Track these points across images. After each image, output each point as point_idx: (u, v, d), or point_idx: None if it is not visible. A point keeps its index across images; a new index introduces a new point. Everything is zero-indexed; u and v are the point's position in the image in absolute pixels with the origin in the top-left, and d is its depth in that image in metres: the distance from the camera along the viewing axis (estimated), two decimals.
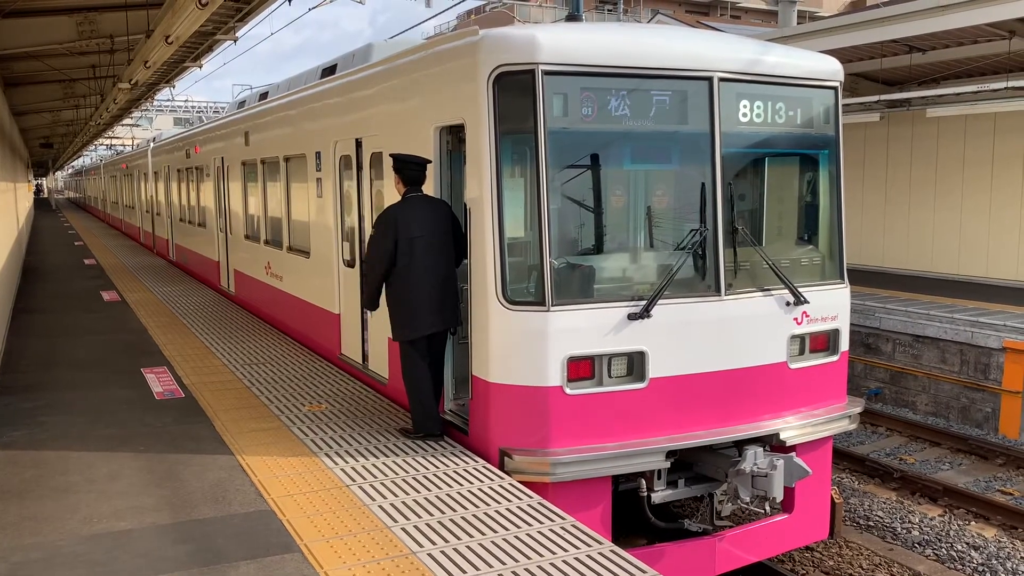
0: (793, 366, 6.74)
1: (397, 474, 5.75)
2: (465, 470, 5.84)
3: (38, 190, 71.75)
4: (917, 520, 8.97)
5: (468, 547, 4.61)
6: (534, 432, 5.92)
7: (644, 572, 4.30)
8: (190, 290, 15.09)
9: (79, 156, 64.44)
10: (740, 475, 6.20)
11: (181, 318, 12.05)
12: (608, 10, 53.91)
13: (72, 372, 8.90)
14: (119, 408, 7.49)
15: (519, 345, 5.93)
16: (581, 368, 5.96)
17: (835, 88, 7.02)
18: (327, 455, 6.15)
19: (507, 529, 4.85)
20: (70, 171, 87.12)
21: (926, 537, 8.58)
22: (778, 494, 6.23)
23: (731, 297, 6.35)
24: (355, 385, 8.18)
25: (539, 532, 4.81)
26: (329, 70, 9.99)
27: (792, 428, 6.59)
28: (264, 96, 12.93)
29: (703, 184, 6.32)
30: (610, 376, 6.05)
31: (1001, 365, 11.58)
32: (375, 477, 5.70)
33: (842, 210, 7.15)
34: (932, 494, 9.61)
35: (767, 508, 6.52)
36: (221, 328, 11.27)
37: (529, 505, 5.22)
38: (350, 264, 8.52)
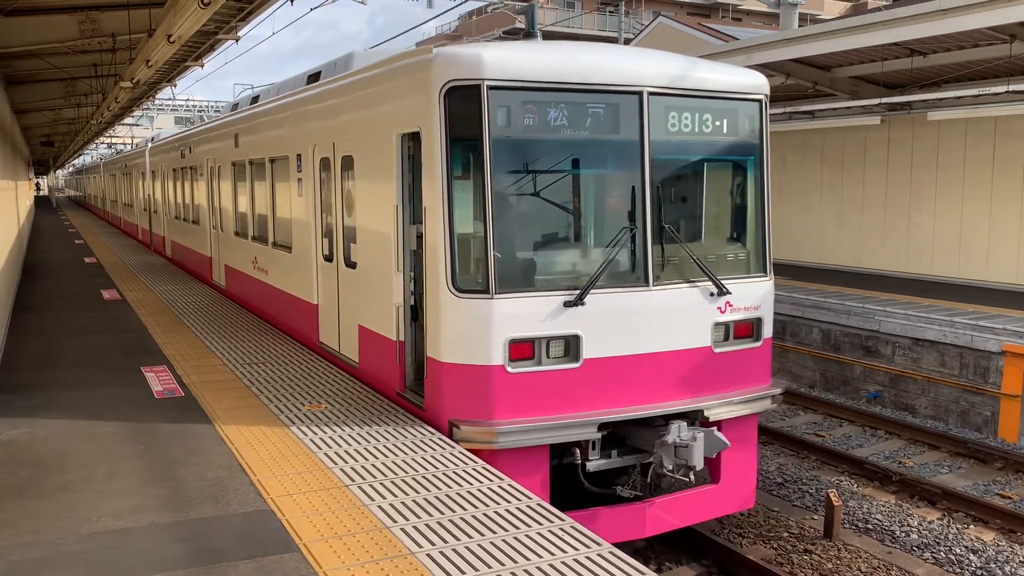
0: (717, 350, 7.40)
1: (396, 474, 5.76)
2: (464, 471, 5.84)
3: (37, 188, 71.66)
4: (916, 523, 8.97)
5: (467, 547, 4.61)
6: (480, 406, 6.61)
7: (642, 573, 4.30)
8: (190, 289, 15.09)
9: (80, 154, 64.45)
10: (664, 446, 6.83)
11: (181, 317, 12.05)
12: (610, 11, 53.93)
13: (72, 371, 8.90)
14: (118, 407, 7.49)
15: (466, 329, 6.62)
16: (522, 350, 6.64)
17: (759, 101, 7.67)
18: (326, 455, 6.15)
19: (506, 530, 4.85)
20: (71, 169, 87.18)
21: (925, 540, 8.57)
22: (698, 463, 6.79)
23: (659, 288, 7.06)
24: (355, 385, 8.19)
25: (538, 533, 4.81)
26: (314, 76, 10.55)
27: (716, 406, 7.26)
28: (255, 100, 13.44)
29: (633, 187, 7.03)
30: (548, 357, 6.73)
31: (1000, 369, 11.58)
32: (374, 477, 5.70)
33: (767, 211, 7.78)
34: (931, 497, 9.60)
35: (691, 477, 7.04)
36: (221, 327, 11.27)
37: (528, 506, 5.22)
38: (328, 258, 9.14)
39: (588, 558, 4.49)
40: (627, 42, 35.49)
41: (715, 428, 7.08)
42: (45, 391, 8.08)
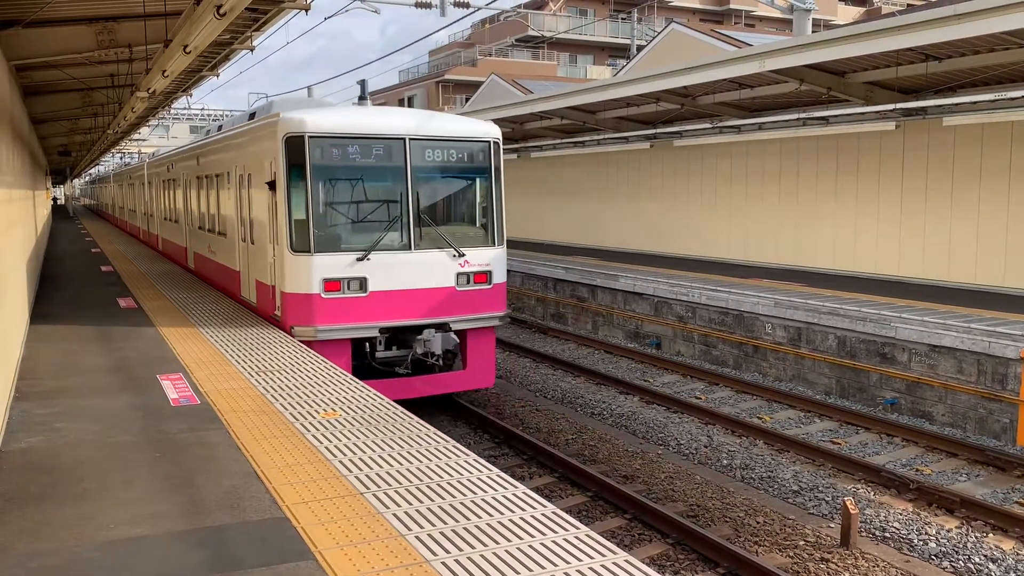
0: (460, 289, 12.03)
1: (411, 482, 5.76)
2: (480, 479, 5.84)
3: (54, 201, 72.04)
4: (934, 532, 8.89)
5: (483, 556, 4.60)
6: (307, 317, 11.26)
7: None
8: (204, 297, 15.18)
9: (96, 164, 64.94)
10: (418, 341, 11.73)
11: (197, 326, 12.12)
12: (622, 19, 53.89)
13: (89, 378, 8.97)
14: (135, 415, 7.54)
15: (298, 273, 11.27)
16: (332, 286, 11.24)
17: (489, 142, 12.31)
18: (341, 462, 6.17)
19: (521, 539, 4.85)
20: (87, 179, 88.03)
21: (943, 549, 8.50)
22: (436, 350, 11.70)
23: (418, 252, 11.78)
24: (369, 393, 8.21)
25: (553, 541, 4.81)
26: (252, 115, 14.66)
27: (456, 321, 12.03)
28: (220, 128, 17.61)
29: (402, 192, 11.71)
30: (348, 289, 11.33)
31: (1019, 375, 11.48)
32: (389, 485, 5.71)
33: (495, 207, 12.43)
34: (949, 505, 9.52)
35: (440, 362, 11.84)
36: (236, 335, 11.33)
37: (543, 514, 5.22)
38: (244, 239, 13.84)
39: (603, 566, 4.47)
40: (639, 49, 35.48)
41: (451, 332, 11.93)
42: (63, 399, 8.14)
